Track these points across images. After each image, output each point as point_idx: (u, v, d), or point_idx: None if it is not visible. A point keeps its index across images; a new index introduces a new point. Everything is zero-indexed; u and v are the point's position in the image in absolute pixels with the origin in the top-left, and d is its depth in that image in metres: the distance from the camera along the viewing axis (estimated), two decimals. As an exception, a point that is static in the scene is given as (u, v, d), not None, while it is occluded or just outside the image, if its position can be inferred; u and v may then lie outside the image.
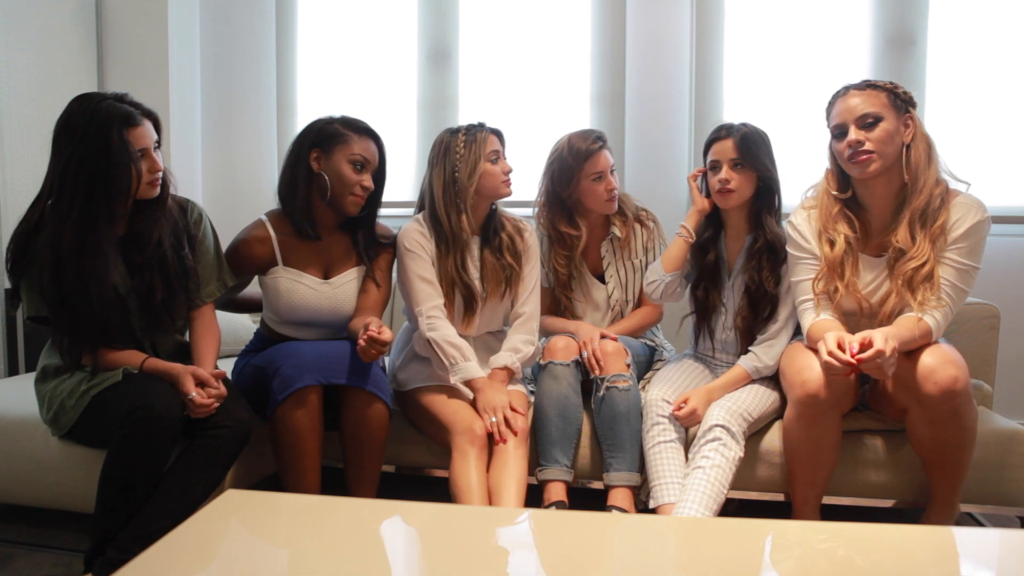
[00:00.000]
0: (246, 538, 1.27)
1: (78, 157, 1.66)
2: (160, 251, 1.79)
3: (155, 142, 1.76)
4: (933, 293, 1.76)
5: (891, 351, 1.63)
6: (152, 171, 1.75)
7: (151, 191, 1.77)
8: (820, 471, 1.85)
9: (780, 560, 1.23)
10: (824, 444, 1.82)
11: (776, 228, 2.03)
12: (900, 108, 1.82)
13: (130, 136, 1.69)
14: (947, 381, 1.65)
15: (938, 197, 1.80)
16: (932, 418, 1.71)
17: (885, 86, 1.83)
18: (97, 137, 1.66)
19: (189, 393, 1.67)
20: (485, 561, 1.21)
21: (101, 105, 1.68)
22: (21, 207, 1.79)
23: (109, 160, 1.67)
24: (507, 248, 2.12)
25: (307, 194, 1.98)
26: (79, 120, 1.68)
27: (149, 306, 1.80)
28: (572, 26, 3.14)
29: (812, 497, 1.87)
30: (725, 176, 2.00)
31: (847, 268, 1.87)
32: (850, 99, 1.83)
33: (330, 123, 1.98)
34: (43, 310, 1.73)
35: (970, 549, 1.30)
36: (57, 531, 2.04)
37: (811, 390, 1.75)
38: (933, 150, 1.82)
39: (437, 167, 2.06)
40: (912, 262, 1.79)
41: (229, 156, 3.40)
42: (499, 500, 1.82)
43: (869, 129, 1.80)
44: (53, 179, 1.70)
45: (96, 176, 1.67)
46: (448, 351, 1.98)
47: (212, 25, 3.41)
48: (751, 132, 2.01)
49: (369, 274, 2.06)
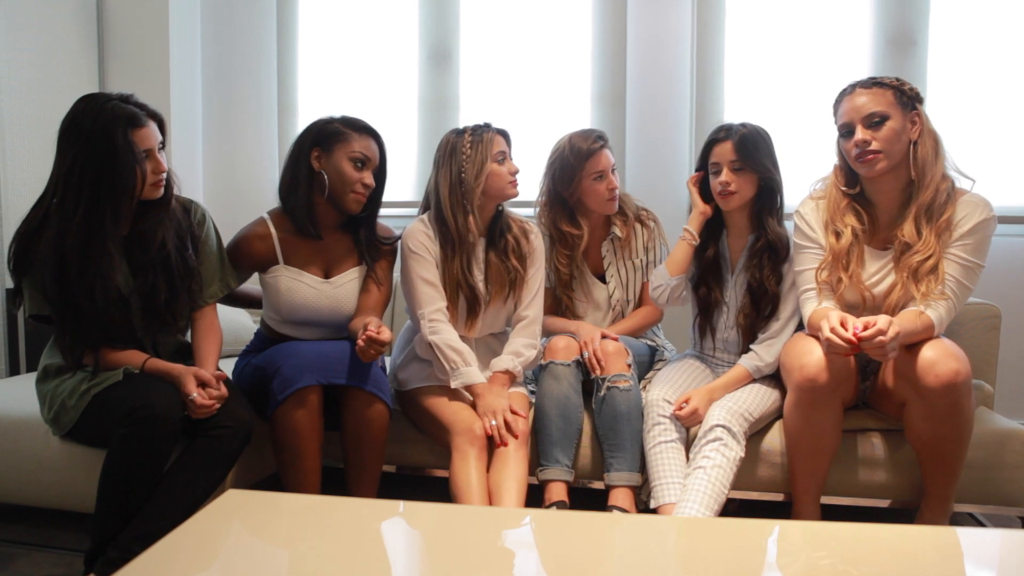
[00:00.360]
0: (246, 538, 1.27)
1: (83, 157, 1.67)
2: (164, 252, 1.80)
3: (159, 143, 1.76)
4: (937, 285, 1.77)
5: (893, 334, 1.63)
6: (156, 172, 1.75)
7: (155, 192, 1.78)
8: (820, 460, 1.84)
9: (781, 560, 1.23)
10: (824, 431, 1.82)
11: (778, 228, 2.04)
12: (907, 105, 1.82)
13: (135, 137, 1.69)
14: (948, 374, 1.65)
15: (944, 192, 1.80)
16: (931, 412, 1.71)
17: (891, 83, 1.83)
18: (102, 137, 1.67)
19: (190, 394, 1.67)
20: (486, 561, 1.21)
21: (107, 106, 1.69)
22: (22, 207, 1.80)
23: (114, 160, 1.67)
24: (512, 251, 2.11)
25: (308, 193, 1.98)
26: (84, 120, 1.68)
27: (152, 306, 1.80)
28: (573, 26, 3.14)
29: (812, 488, 1.87)
30: (725, 179, 2.00)
31: (852, 260, 1.87)
32: (856, 98, 1.83)
33: (330, 122, 1.99)
34: (45, 309, 1.74)
35: (970, 549, 1.30)
36: (57, 531, 2.04)
37: (810, 374, 1.75)
38: (940, 146, 1.83)
39: (443, 168, 2.05)
40: (917, 255, 1.79)
41: (230, 156, 3.40)
42: (499, 501, 1.82)
43: (876, 128, 1.80)
44: (58, 179, 1.71)
45: (101, 176, 1.67)
46: (449, 355, 1.98)
47: (213, 25, 3.41)
48: (750, 133, 2.00)
49: (370, 274, 2.06)
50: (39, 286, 1.72)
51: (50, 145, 1.74)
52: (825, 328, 1.68)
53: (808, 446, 1.83)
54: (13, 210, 2.80)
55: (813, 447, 1.83)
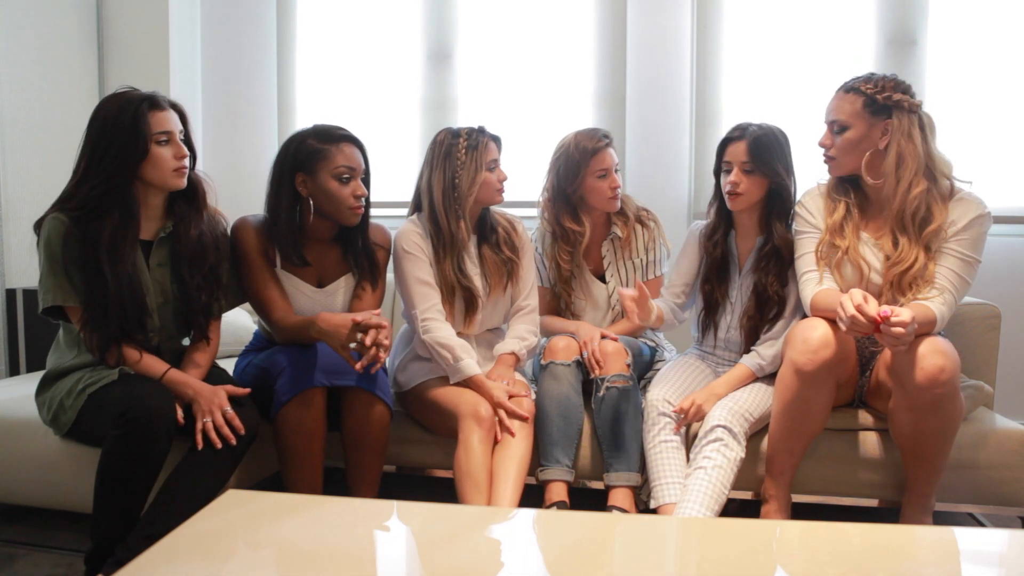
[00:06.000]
0: (246, 538, 1.27)
1: (106, 139, 1.71)
2: (205, 257, 1.83)
3: (180, 132, 1.79)
4: (927, 286, 1.78)
5: (914, 324, 1.63)
6: (178, 157, 1.76)
7: (178, 181, 1.78)
8: (800, 439, 1.85)
9: (782, 560, 1.23)
10: (812, 410, 1.82)
11: (786, 233, 2.03)
12: (877, 113, 1.83)
13: (152, 117, 1.72)
14: (933, 370, 1.66)
15: (921, 204, 1.81)
16: (913, 405, 1.72)
17: (865, 90, 1.84)
18: (121, 116, 1.71)
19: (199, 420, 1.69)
20: (486, 561, 1.21)
21: (129, 93, 1.75)
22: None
23: (131, 135, 1.70)
24: (504, 242, 2.16)
25: (291, 221, 1.94)
26: (108, 107, 1.73)
27: (186, 310, 1.83)
28: (573, 26, 3.14)
29: (788, 468, 1.87)
30: (735, 179, 2.00)
31: (848, 230, 1.89)
32: (833, 100, 1.92)
33: (303, 141, 1.93)
34: (71, 300, 1.72)
35: (971, 549, 1.30)
36: (57, 531, 2.04)
37: (812, 347, 1.75)
38: (915, 159, 1.81)
39: (437, 169, 2.06)
40: (896, 267, 1.81)
41: (230, 156, 3.40)
42: (498, 482, 1.84)
43: (838, 135, 1.88)
44: (81, 162, 1.74)
45: (121, 153, 1.70)
46: (443, 353, 2.00)
47: (213, 25, 3.41)
48: (764, 136, 1.99)
49: (362, 279, 2.04)
50: (63, 272, 1.71)
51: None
52: (848, 306, 1.65)
53: (794, 424, 1.83)
54: (13, 210, 2.80)
55: (798, 425, 1.83)
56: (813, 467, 1.95)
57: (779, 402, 1.85)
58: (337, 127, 1.96)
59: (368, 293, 2.04)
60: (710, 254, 2.13)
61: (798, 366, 1.77)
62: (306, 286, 2.00)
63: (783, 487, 1.88)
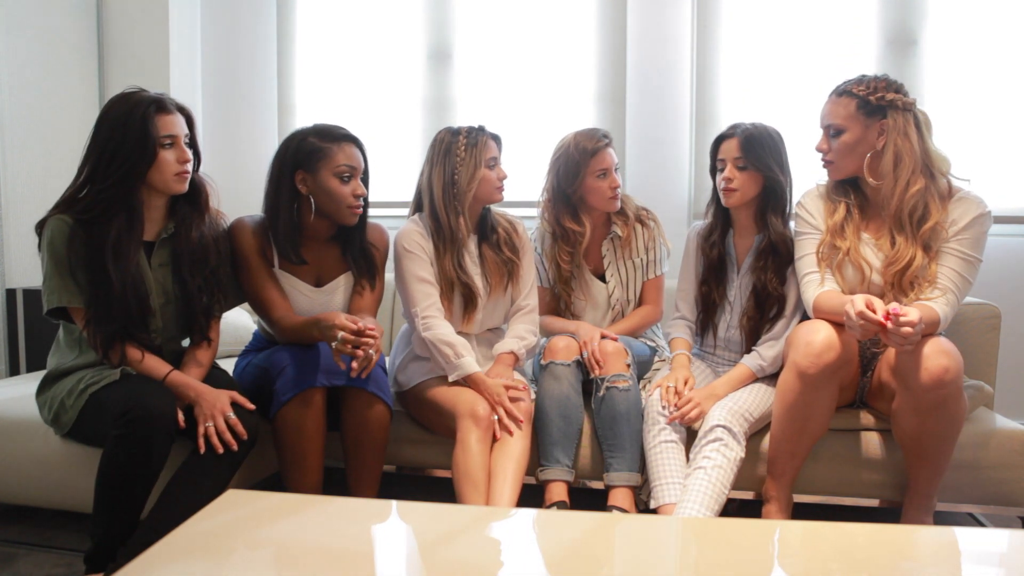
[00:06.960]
0: (246, 538, 1.27)
1: (112, 141, 1.71)
2: (206, 259, 1.84)
3: (186, 136, 1.78)
4: (929, 286, 1.78)
5: (921, 324, 1.63)
6: (181, 161, 1.76)
7: (179, 185, 1.78)
8: (803, 443, 1.84)
9: (782, 560, 1.23)
10: (815, 413, 1.81)
11: (782, 229, 2.03)
12: (872, 114, 1.83)
13: (159, 120, 1.72)
14: (937, 370, 1.65)
15: (919, 202, 1.80)
16: (917, 406, 1.72)
17: (858, 92, 1.84)
18: (128, 118, 1.71)
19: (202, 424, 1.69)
20: (486, 561, 1.21)
21: (137, 95, 1.75)
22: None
23: (137, 138, 1.70)
24: (505, 243, 2.16)
25: (290, 218, 1.94)
26: (115, 108, 1.73)
27: (188, 311, 1.83)
28: (573, 25, 3.14)
29: (790, 470, 1.87)
30: (728, 175, 2.01)
31: (848, 231, 1.89)
32: (827, 104, 1.92)
33: (305, 139, 1.93)
34: (76, 300, 1.71)
35: (971, 549, 1.30)
36: (57, 531, 2.04)
37: (816, 350, 1.75)
38: (912, 157, 1.81)
39: (437, 167, 2.07)
40: (893, 266, 1.81)
41: (230, 156, 3.39)
42: (496, 482, 1.84)
43: (834, 138, 1.88)
44: (87, 163, 1.74)
45: (127, 155, 1.70)
46: (443, 350, 2.00)
47: (213, 26, 3.41)
48: (757, 132, 2.01)
49: (362, 278, 2.05)
50: (67, 272, 1.71)
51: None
52: (851, 312, 1.65)
53: (796, 427, 1.83)
54: (13, 210, 2.80)
55: (800, 428, 1.83)
56: (814, 467, 1.95)
57: (781, 405, 1.85)
58: (338, 126, 1.96)
59: (367, 292, 2.04)
60: (707, 255, 2.14)
61: (801, 369, 1.77)
62: (304, 285, 2.00)
63: (784, 488, 1.88)
